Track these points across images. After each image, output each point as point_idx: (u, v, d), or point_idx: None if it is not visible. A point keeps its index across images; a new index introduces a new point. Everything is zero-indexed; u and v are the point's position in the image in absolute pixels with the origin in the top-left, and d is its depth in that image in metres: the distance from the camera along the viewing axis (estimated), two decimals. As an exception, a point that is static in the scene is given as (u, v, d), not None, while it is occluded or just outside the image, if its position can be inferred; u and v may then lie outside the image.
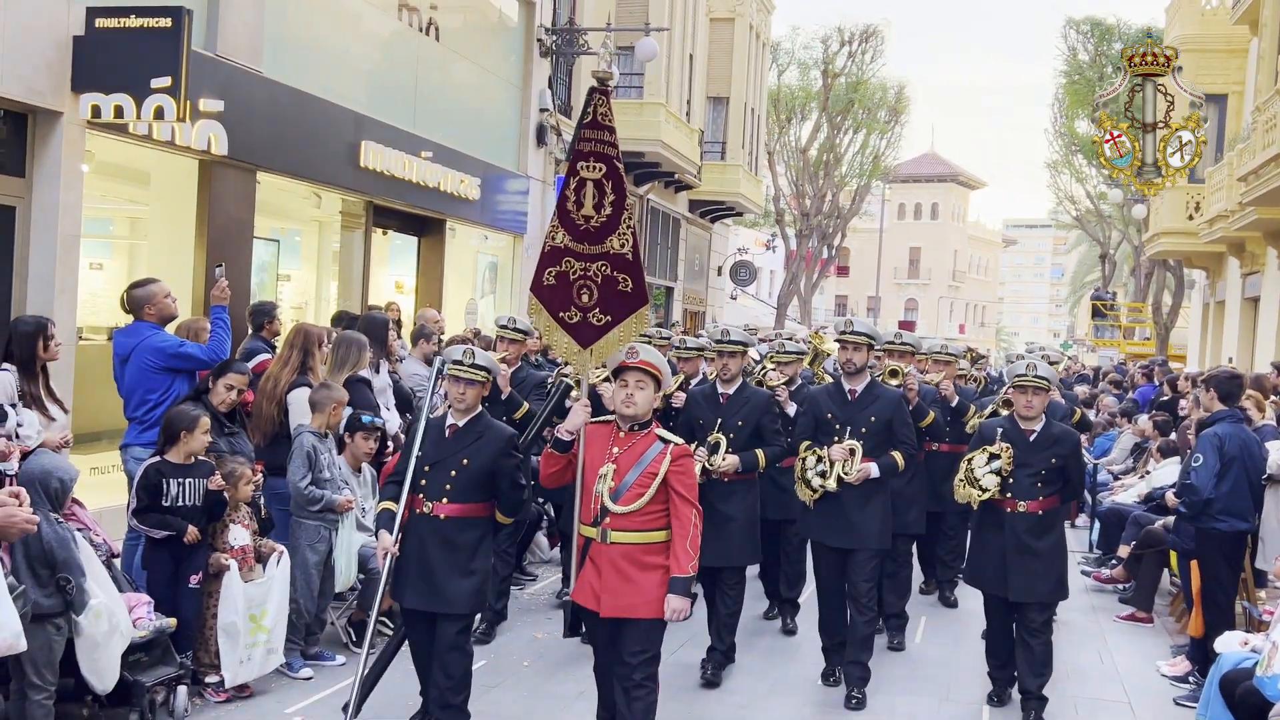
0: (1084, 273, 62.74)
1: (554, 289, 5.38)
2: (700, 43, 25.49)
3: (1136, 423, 13.61)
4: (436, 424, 5.51)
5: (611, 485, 4.99)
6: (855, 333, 6.90)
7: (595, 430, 5.20)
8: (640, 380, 5.05)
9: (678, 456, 5.02)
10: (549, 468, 5.22)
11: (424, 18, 14.84)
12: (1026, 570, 6.37)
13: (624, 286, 5.29)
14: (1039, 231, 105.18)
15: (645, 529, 4.99)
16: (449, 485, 5.33)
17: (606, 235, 5.24)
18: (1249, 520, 7.12)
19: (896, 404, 6.96)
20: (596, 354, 5.40)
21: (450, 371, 5.43)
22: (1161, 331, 32.67)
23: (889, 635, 8.02)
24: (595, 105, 5.24)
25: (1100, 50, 32.99)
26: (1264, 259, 19.46)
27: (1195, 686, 7.08)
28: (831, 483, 6.70)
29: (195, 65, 9.10)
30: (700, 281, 30.59)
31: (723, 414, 7.08)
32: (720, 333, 7.47)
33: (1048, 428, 6.50)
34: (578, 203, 5.26)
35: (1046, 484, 6.44)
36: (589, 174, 5.23)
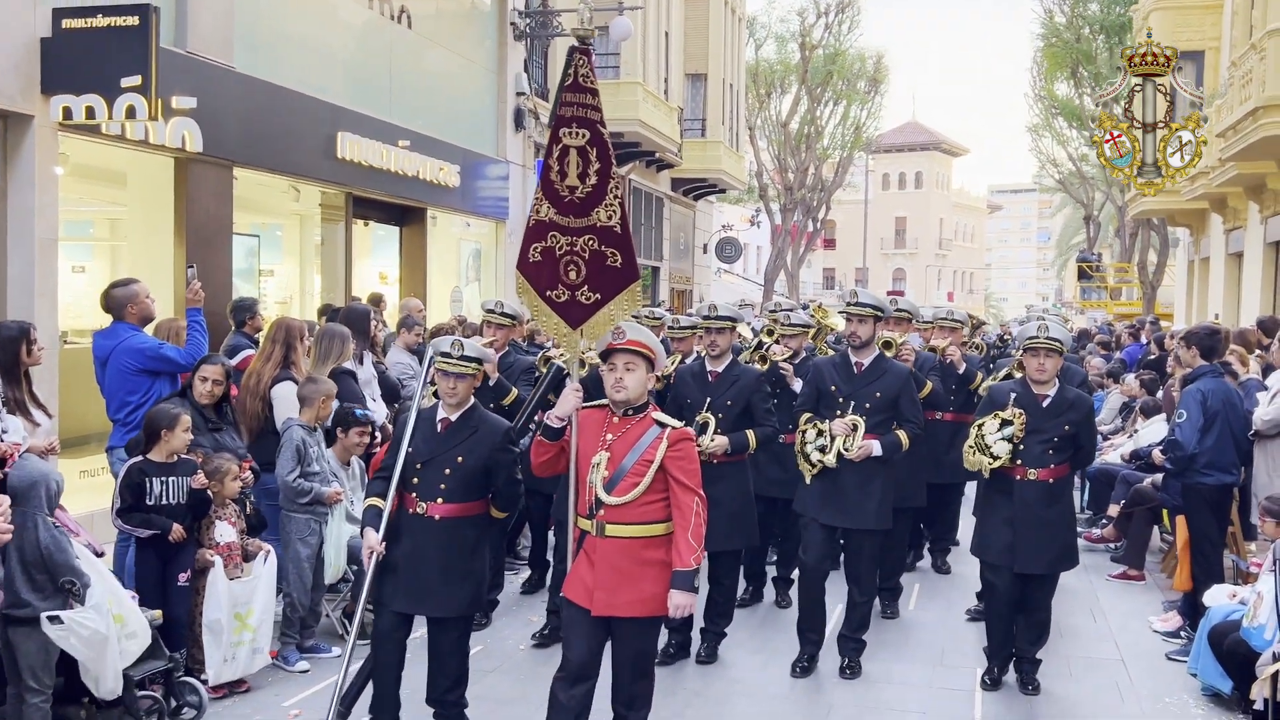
0: (1070, 235, 62.85)
1: (540, 266, 5.09)
2: (675, 20, 25.40)
3: (1124, 383, 13.65)
4: (427, 418, 5.22)
5: (605, 474, 4.67)
6: (861, 304, 6.66)
7: (588, 416, 4.87)
8: (630, 362, 4.72)
9: (676, 440, 4.68)
10: (540, 456, 4.90)
11: (396, 6, 14.75)
12: (1035, 540, 6.20)
13: (613, 261, 5.00)
14: (1024, 196, 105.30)
15: (644, 521, 4.66)
16: (444, 484, 5.08)
17: (592, 207, 4.95)
18: (1234, 474, 7.16)
19: (905, 380, 6.71)
20: (587, 334, 5.12)
21: (439, 365, 5.14)
22: (1148, 291, 32.77)
23: (882, 604, 7.94)
24: (576, 66, 4.90)
25: (1076, 12, 32.93)
26: (1245, 214, 19.50)
27: (1187, 641, 7.14)
28: (831, 458, 6.47)
29: (165, 63, 9.05)
30: (686, 260, 30.57)
31: (711, 393, 6.80)
32: (708, 308, 7.19)
33: (1062, 392, 6.28)
34: (561, 172, 4.94)
35: (1058, 451, 6.24)
36: (572, 140, 4.90)
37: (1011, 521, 6.22)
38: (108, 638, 5.17)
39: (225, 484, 6.13)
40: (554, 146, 4.95)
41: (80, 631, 5.05)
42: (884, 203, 70.67)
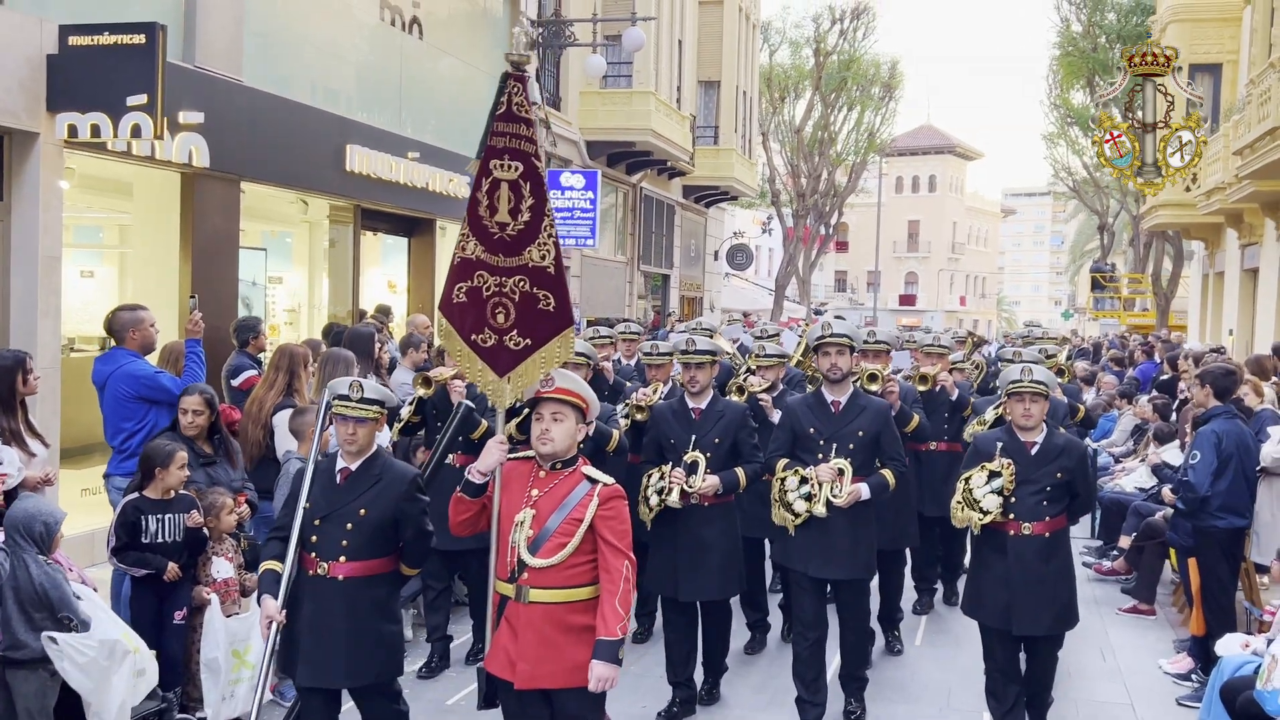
0: (1084, 241, 62.58)
1: (465, 307, 4.65)
2: (689, 27, 25.29)
3: (1137, 404, 13.52)
4: (325, 469, 4.80)
5: (530, 534, 4.27)
6: (836, 335, 6.24)
7: (512, 469, 4.47)
8: (558, 412, 4.34)
9: (607, 498, 4.29)
10: (459, 514, 4.48)
11: (407, 16, 14.70)
12: (1033, 600, 5.76)
13: (545, 304, 4.59)
14: (1038, 200, 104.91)
15: (570, 585, 4.26)
16: (345, 541, 4.64)
17: (524, 245, 4.53)
18: (1246, 517, 7.05)
19: (885, 416, 6.30)
20: (514, 383, 4.67)
21: (336, 409, 4.72)
22: (1161, 302, 32.54)
23: (886, 639, 7.76)
24: (509, 94, 4.49)
25: (1093, 21, 32.72)
26: (1261, 230, 19.32)
27: (1198, 685, 7.02)
28: (820, 507, 6.02)
29: (173, 78, 9.01)
30: (696, 267, 30.47)
31: (696, 431, 6.39)
32: (685, 342, 6.72)
33: (1050, 438, 5.89)
34: (490, 206, 4.52)
35: (1052, 501, 5.81)
36: (503, 173, 4.49)
37: (1007, 580, 5.80)
38: (109, 669, 5.12)
39: (221, 519, 6.06)
40: (483, 179, 4.56)
41: (77, 658, 5.01)
42: (897, 206, 70.38)
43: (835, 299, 66.27)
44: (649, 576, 6.65)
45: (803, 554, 6.19)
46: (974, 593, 6.08)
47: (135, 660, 5.32)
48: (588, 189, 18.34)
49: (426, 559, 5.02)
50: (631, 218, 24.28)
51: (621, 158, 22.16)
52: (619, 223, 23.87)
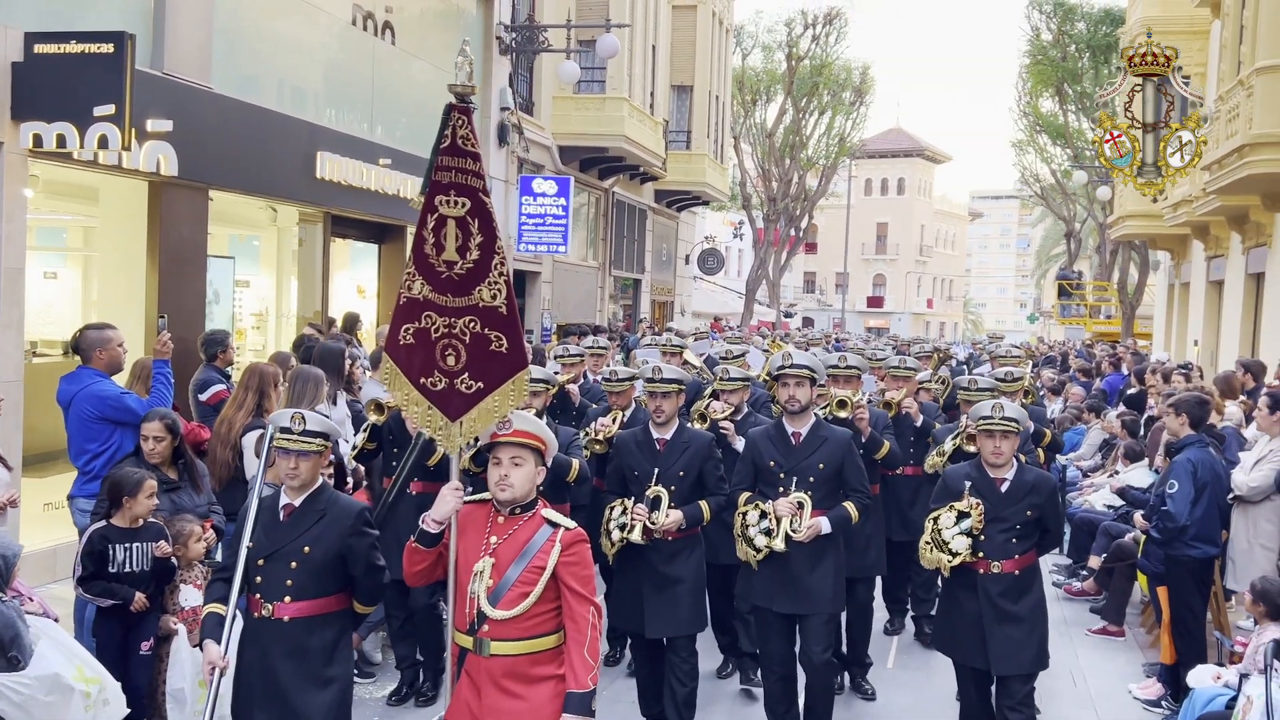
0: (1050, 246, 63.12)
1: (413, 350, 4.42)
2: (663, 32, 25.26)
3: (1105, 418, 13.60)
4: (268, 506, 4.62)
5: (489, 584, 4.07)
6: (796, 366, 6.07)
7: (469, 515, 4.26)
8: (516, 456, 4.16)
9: (569, 543, 4.11)
10: (413, 564, 4.27)
11: (379, 20, 14.56)
12: (1005, 638, 5.69)
13: (498, 346, 4.35)
14: (1005, 203, 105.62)
15: (533, 635, 4.08)
16: (290, 580, 4.47)
17: (474, 285, 4.29)
18: (1218, 545, 7.09)
19: (847, 448, 6.10)
20: (467, 429, 4.44)
21: (277, 442, 4.53)
22: (1127, 310, 32.89)
23: (853, 683, 7.47)
24: (454, 127, 4.26)
25: (1063, 30, 33.00)
26: (1227, 243, 19.52)
27: (1168, 712, 7.07)
28: (779, 542, 5.87)
29: (141, 85, 8.85)
30: (668, 271, 30.46)
31: (660, 463, 6.16)
32: (652, 370, 6.47)
33: (1020, 474, 5.80)
34: (437, 245, 4.28)
35: (1022, 539, 5.74)
36: (450, 210, 4.26)
37: (979, 619, 5.72)
38: (52, 705, 5.02)
39: (189, 547, 5.95)
40: (428, 215, 4.32)
41: (12, 696, 4.92)
42: (866, 208, 70.71)
43: (804, 300, 66.49)
44: (614, 611, 6.48)
45: (765, 589, 6.06)
46: (947, 631, 6.02)
47: (96, 692, 5.21)
48: (560, 195, 18.26)
49: (381, 596, 4.83)
50: (603, 222, 24.22)
51: (594, 163, 22.10)
52: (591, 227, 23.81)
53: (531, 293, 20.37)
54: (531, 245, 18.35)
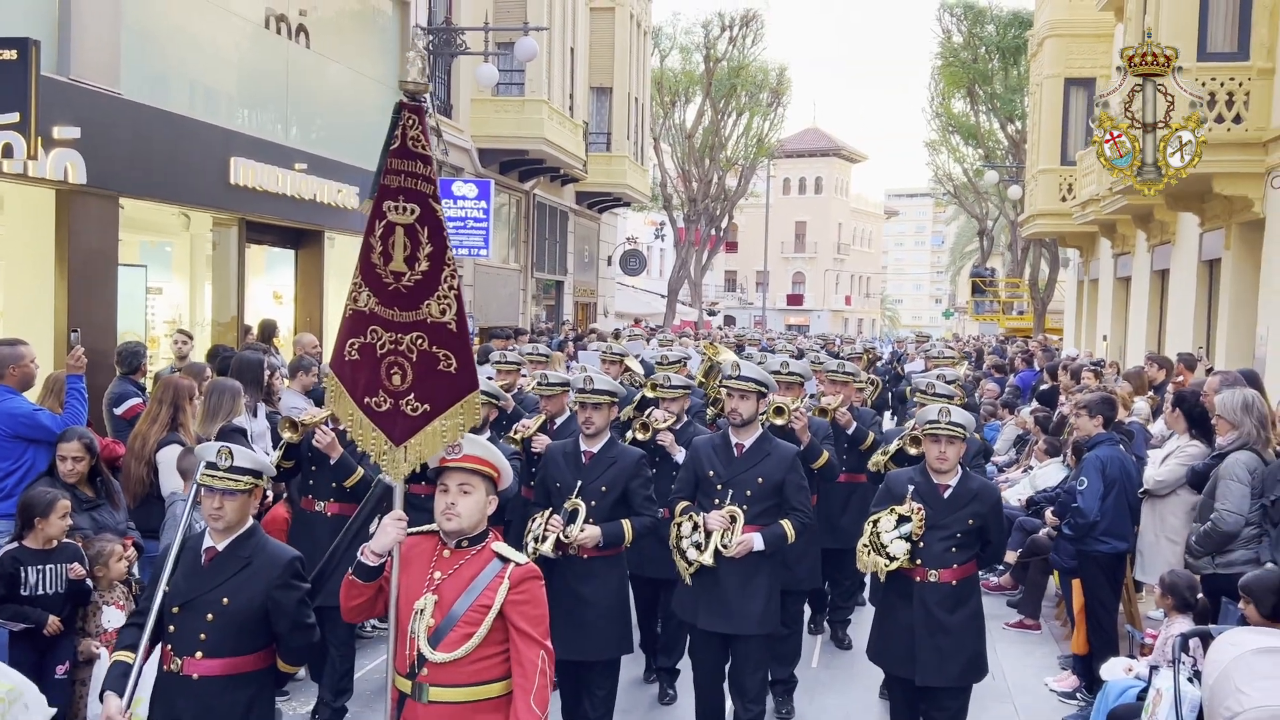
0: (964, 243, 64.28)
1: (358, 366, 4.07)
2: (581, 34, 25.25)
3: (1019, 414, 13.93)
4: (192, 547, 4.24)
5: (431, 624, 3.75)
6: (743, 378, 5.95)
7: (412, 547, 3.94)
8: (465, 483, 3.87)
9: (520, 580, 3.80)
10: (351, 599, 3.94)
11: (293, 24, 14.35)
12: (936, 649, 5.52)
13: (446, 365, 4.01)
14: (919, 200, 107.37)
15: (477, 681, 3.76)
16: (204, 634, 4.08)
17: (422, 298, 3.97)
18: (1128, 541, 7.30)
19: (791, 463, 5.93)
20: (412, 454, 4.07)
21: (202, 479, 4.19)
22: (1038, 306, 33.63)
23: (776, 703, 7.13)
24: (405, 126, 3.94)
25: (974, 32, 33.66)
26: (1134, 241, 20.08)
27: (1083, 704, 7.27)
28: (708, 556, 5.65)
29: (46, 92, 8.65)
30: (590, 272, 30.46)
31: (584, 476, 5.92)
32: (583, 380, 6.26)
33: (965, 481, 5.62)
34: (385, 253, 3.96)
35: (962, 549, 5.57)
36: (398, 216, 3.93)
37: (911, 628, 5.55)
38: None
39: (110, 566, 5.82)
40: (376, 222, 3.98)
41: None
42: (784, 207, 71.35)
43: (726, 299, 66.87)
44: None
45: (693, 604, 5.89)
46: (878, 638, 5.87)
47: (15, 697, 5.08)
48: (480, 198, 18.16)
49: (310, 656, 4.51)
50: (524, 224, 24.14)
51: (514, 165, 22.02)
52: (512, 230, 23.72)
53: (453, 296, 20.18)
54: (453, 248, 18.17)
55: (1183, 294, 16.82)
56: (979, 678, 5.79)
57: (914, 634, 5.57)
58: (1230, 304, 14.48)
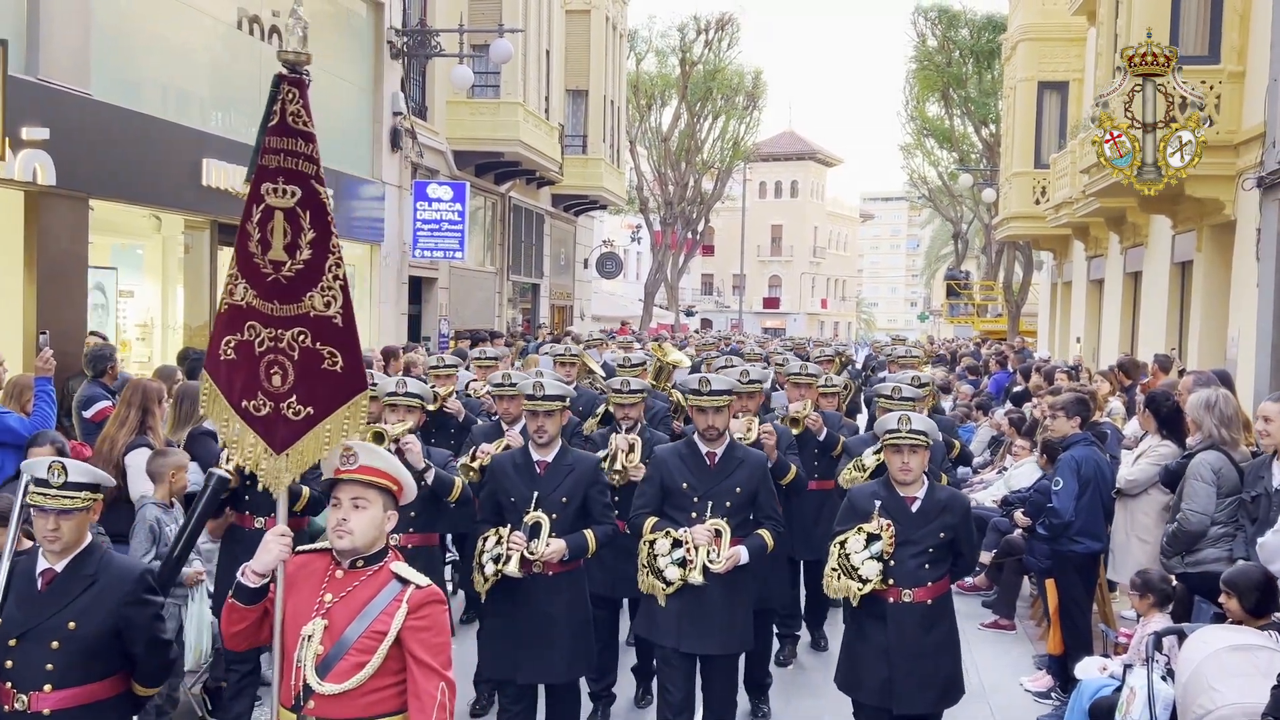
0: (939, 246, 64.63)
1: (234, 366, 3.71)
2: (556, 37, 25.24)
3: (993, 416, 13.99)
4: (23, 572, 3.90)
5: (319, 651, 3.43)
6: (714, 392, 5.61)
7: (301, 566, 3.62)
8: (360, 497, 3.54)
9: (419, 604, 3.48)
10: (232, 625, 3.61)
11: (265, 24, 14.26)
12: (915, 674, 5.19)
13: (331, 364, 3.66)
14: (894, 204, 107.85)
15: (368, 715, 3.45)
16: (50, 664, 3.75)
17: (304, 290, 3.63)
18: (1102, 541, 7.33)
19: (763, 471, 5.72)
20: (294, 461, 3.72)
21: (31, 498, 3.84)
22: (1012, 309, 33.84)
23: (753, 704, 7.01)
24: (284, 101, 3.61)
25: (948, 36, 33.85)
26: (1106, 243, 20.23)
27: (1058, 704, 7.29)
28: (697, 574, 5.33)
29: (14, 92, 8.57)
30: (567, 275, 30.43)
31: (540, 487, 5.58)
32: (533, 386, 5.86)
33: (932, 493, 5.29)
34: (263, 242, 3.62)
35: (935, 564, 5.23)
36: (277, 200, 3.60)
37: (886, 653, 5.20)
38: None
39: (75, 573, 5.73)
40: (253, 207, 3.64)
41: None
42: (761, 211, 71.58)
43: (702, 302, 67.00)
44: (485, 657, 5.97)
45: (673, 627, 5.49)
46: (849, 667, 5.47)
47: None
48: (455, 200, 18.12)
49: (167, 675, 4.15)
50: (500, 227, 24.09)
51: (490, 168, 21.97)
52: (488, 232, 23.67)
53: (428, 299, 20.16)
54: (428, 251, 18.18)
55: (1155, 296, 16.95)
56: (956, 700, 5.49)
57: (890, 659, 5.21)
58: (1202, 305, 14.60)
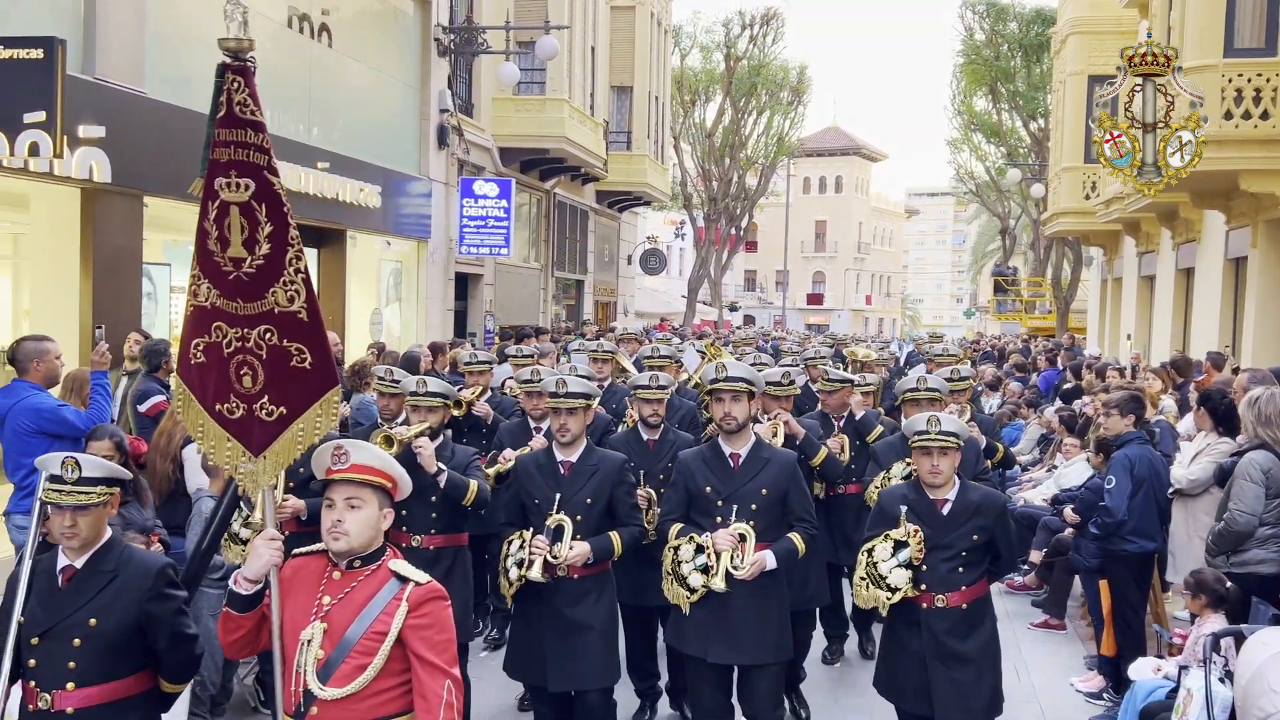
0: (985, 242, 64.04)
1: (205, 369, 3.60)
2: (601, 33, 25.27)
3: (1042, 414, 13.84)
4: (45, 570, 3.87)
5: (320, 655, 3.35)
6: (731, 379, 5.33)
7: (298, 570, 3.54)
8: (354, 496, 3.45)
9: (420, 602, 3.40)
10: (229, 633, 3.51)
11: (316, 23, 14.40)
12: (952, 681, 5.02)
13: (300, 361, 3.54)
14: (941, 199, 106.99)
15: (374, 718, 3.37)
16: (73, 662, 3.71)
17: (266, 286, 3.50)
18: (1156, 540, 7.23)
19: (792, 471, 5.41)
20: (272, 463, 3.62)
21: (46, 495, 3.81)
22: (1061, 306, 33.44)
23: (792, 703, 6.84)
24: (230, 91, 3.46)
25: (996, 30, 33.51)
26: (1158, 239, 19.94)
27: (1110, 705, 7.20)
28: (719, 581, 5.11)
29: (72, 92, 8.68)
30: (610, 271, 30.48)
31: (564, 488, 5.43)
32: (555, 384, 5.63)
33: (964, 493, 5.10)
34: (221, 239, 3.49)
35: (969, 567, 5.05)
36: (231, 195, 3.47)
37: (922, 659, 5.05)
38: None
39: (133, 565, 5.82)
40: (209, 204, 3.51)
41: None
42: (805, 206, 71.24)
43: (745, 298, 66.83)
44: (512, 662, 5.75)
45: (699, 636, 5.28)
46: (887, 674, 5.35)
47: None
48: (501, 197, 18.19)
49: (195, 669, 4.09)
50: (545, 223, 24.17)
51: (535, 164, 22.05)
52: (532, 229, 23.76)
53: (474, 295, 20.27)
54: (473, 248, 18.27)
55: (1208, 292, 16.69)
56: (998, 711, 5.28)
57: (926, 666, 5.06)
58: (1257, 302, 14.36)
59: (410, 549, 5.76)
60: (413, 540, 5.87)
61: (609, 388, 8.42)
